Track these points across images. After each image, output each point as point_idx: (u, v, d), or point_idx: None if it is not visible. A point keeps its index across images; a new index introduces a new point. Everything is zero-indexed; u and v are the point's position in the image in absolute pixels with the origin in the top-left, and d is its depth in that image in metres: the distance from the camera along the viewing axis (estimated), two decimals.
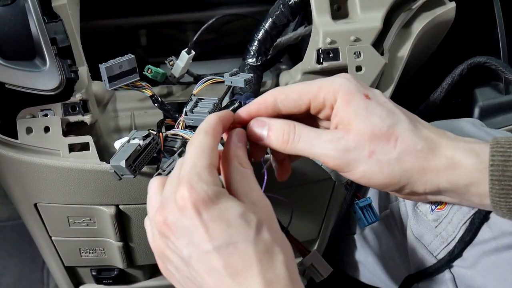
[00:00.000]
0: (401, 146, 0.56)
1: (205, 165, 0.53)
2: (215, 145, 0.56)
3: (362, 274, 1.10)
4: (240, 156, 0.57)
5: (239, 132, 0.60)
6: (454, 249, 0.72)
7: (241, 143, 0.59)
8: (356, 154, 0.56)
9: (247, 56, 0.88)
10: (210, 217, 0.51)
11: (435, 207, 0.73)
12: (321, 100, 0.59)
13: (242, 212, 0.51)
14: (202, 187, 0.52)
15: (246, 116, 0.62)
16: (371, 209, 0.73)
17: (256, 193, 0.55)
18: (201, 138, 0.56)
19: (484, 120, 1.01)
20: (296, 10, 0.86)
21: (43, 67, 0.74)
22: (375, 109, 0.57)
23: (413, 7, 0.86)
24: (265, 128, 0.60)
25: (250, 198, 0.54)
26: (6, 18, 0.73)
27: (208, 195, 0.51)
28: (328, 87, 0.58)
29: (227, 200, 0.52)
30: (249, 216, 0.51)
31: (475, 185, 0.56)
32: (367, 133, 0.56)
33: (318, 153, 0.58)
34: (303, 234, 1.00)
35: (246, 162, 0.57)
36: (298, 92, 0.60)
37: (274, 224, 0.54)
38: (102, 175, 0.77)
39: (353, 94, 0.57)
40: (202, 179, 0.52)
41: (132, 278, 1.04)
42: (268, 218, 0.54)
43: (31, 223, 0.91)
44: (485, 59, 0.86)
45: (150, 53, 1.09)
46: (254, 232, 0.51)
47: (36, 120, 0.76)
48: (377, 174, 0.56)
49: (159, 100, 0.82)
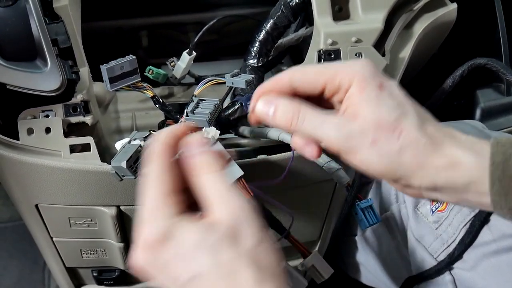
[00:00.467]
0: (404, 140, 0.56)
1: (157, 196, 0.53)
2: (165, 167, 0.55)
3: (363, 275, 1.10)
4: (197, 165, 0.55)
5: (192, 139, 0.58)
6: (454, 251, 0.72)
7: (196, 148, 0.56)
8: (359, 140, 0.56)
9: (248, 57, 0.88)
10: (169, 256, 0.50)
11: (435, 208, 0.73)
12: (336, 84, 0.58)
13: (198, 239, 0.50)
14: (154, 227, 0.51)
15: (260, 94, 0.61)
16: (372, 211, 0.72)
17: (217, 198, 0.53)
18: (149, 167, 0.55)
19: (485, 121, 1.01)
20: (297, 11, 0.86)
21: (44, 68, 0.74)
22: (385, 100, 0.57)
23: (415, 8, 0.86)
24: (272, 107, 0.59)
25: (211, 210, 0.52)
26: (7, 19, 0.73)
27: (161, 234, 0.51)
28: (345, 72, 0.58)
29: (182, 232, 0.51)
30: (206, 240, 0.50)
31: (474, 184, 0.55)
32: (373, 121, 0.56)
33: (320, 136, 0.57)
34: (304, 235, 1.00)
35: (203, 166, 0.55)
36: (314, 74, 0.59)
37: (242, 228, 0.51)
38: (103, 176, 0.77)
39: (367, 82, 0.57)
40: (154, 216, 0.52)
41: (133, 279, 1.04)
42: (233, 224, 0.51)
43: (32, 224, 0.91)
44: (486, 61, 0.87)
45: (151, 54, 1.09)
46: (213, 256, 0.49)
47: (37, 121, 0.76)
48: (375, 162, 0.56)
49: (160, 101, 0.82)
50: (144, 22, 1.07)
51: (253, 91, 0.85)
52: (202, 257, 0.49)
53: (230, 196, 0.53)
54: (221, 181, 0.54)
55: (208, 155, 0.56)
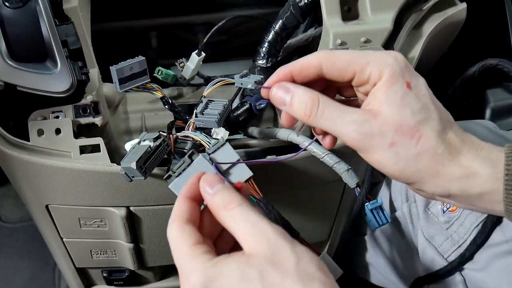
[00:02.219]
0: (422, 146, 0.55)
1: (184, 252, 0.54)
2: (183, 226, 0.56)
3: (372, 275, 1.10)
4: (217, 204, 0.56)
5: (202, 181, 0.58)
6: (465, 251, 0.71)
7: (212, 189, 0.57)
8: (377, 140, 0.55)
9: (257, 58, 0.88)
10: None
11: (446, 209, 0.73)
12: (366, 75, 0.58)
13: (241, 274, 0.50)
14: (194, 279, 0.52)
15: (287, 75, 0.60)
16: (382, 211, 0.72)
17: (250, 231, 0.53)
18: (169, 230, 0.56)
19: (495, 121, 1.01)
20: (306, 11, 0.86)
21: (54, 69, 0.74)
22: (410, 101, 0.56)
23: (424, 8, 0.85)
24: (289, 95, 0.59)
25: (247, 244, 0.53)
26: (17, 21, 0.74)
27: (204, 281, 0.51)
28: (377, 65, 0.57)
29: (223, 271, 0.51)
30: (249, 272, 0.50)
31: (488, 194, 0.55)
32: (394, 123, 0.55)
33: (339, 132, 0.57)
34: (314, 235, 1.00)
35: (226, 203, 0.55)
36: (346, 62, 0.59)
37: (281, 251, 0.52)
38: (113, 177, 0.77)
39: (396, 78, 0.56)
40: (189, 269, 0.52)
41: (143, 280, 1.04)
42: (272, 251, 0.51)
43: (42, 224, 0.91)
44: (497, 61, 0.86)
45: (161, 55, 1.10)
46: (260, 284, 0.49)
47: (47, 122, 0.77)
48: (391, 165, 0.56)
49: (169, 102, 0.82)
50: (153, 23, 1.07)
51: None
52: (251, 286, 0.49)
53: (258, 226, 0.53)
54: (245, 215, 0.54)
55: (226, 191, 0.56)
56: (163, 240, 0.90)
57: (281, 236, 0.52)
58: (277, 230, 0.52)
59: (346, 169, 0.70)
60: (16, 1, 0.73)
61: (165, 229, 0.81)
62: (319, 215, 0.97)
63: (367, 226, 1.06)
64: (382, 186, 1.01)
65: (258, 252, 0.51)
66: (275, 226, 0.53)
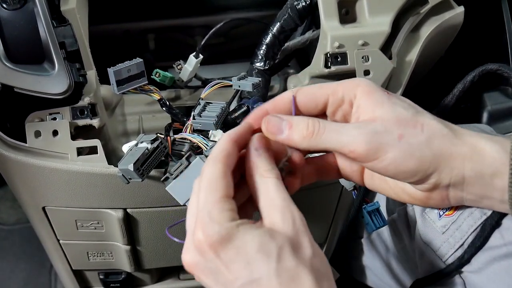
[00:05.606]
0: (428, 131, 0.56)
1: (216, 199, 0.52)
2: (226, 172, 0.54)
3: (368, 278, 1.10)
4: (259, 166, 0.55)
5: (255, 139, 0.57)
6: (464, 254, 0.71)
7: (260, 149, 0.56)
8: (385, 137, 0.55)
9: (255, 60, 0.88)
10: (229, 258, 0.50)
11: (443, 212, 0.73)
12: (340, 95, 0.58)
13: (260, 244, 0.50)
14: (214, 229, 0.51)
15: (263, 115, 0.59)
16: (379, 214, 0.72)
17: (279, 206, 0.53)
18: (210, 168, 0.54)
19: (492, 124, 1.01)
20: (304, 14, 0.86)
21: (52, 71, 0.74)
22: (397, 101, 0.57)
23: (422, 11, 0.86)
24: (283, 123, 0.58)
25: (272, 218, 0.52)
26: (15, 22, 0.74)
27: (222, 236, 0.50)
28: (347, 84, 0.58)
29: (244, 235, 0.51)
30: (269, 246, 0.50)
31: (499, 176, 0.55)
32: (392, 119, 0.55)
33: (346, 141, 0.56)
34: None
35: (267, 169, 0.54)
36: (317, 87, 0.59)
37: (302, 239, 0.52)
38: (110, 179, 0.77)
39: (374, 88, 0.57)
40: (213, 219, 0.51)
41: (140, 282, 1.04)
42: (294, 234, 0.51)
43: (39, 226, 0.91)
44: (497, 66, 0.86)
45: (158, 57, 1.09)
46: (275, 262, 0.49)
47: (44, 124, 0.77)
48: (408, 158, 0.56)
49: (167, 104, 0.82)
50: (151, 25, 1.07)
51: (259, 94, 0.85)
52: (264, 261, 0.49)
53: (291, 205, 0.53)
54: (282, 189, 0.54)
55: (270, 158, 0.56)
56: (160, 242, 0.90)
57: (305, 224, 0.52)
58: (302, 217, 0.53)
59: None
60: (14, 2, 0.73)
61: (162, 231, 0.81)
62: (316, 218, 0.97)
63: (364, 229, 1.06)
64: None
65: (282, 229, 0.51)
66: (301, 213, 0.53)
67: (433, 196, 0.60)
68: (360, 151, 0.56)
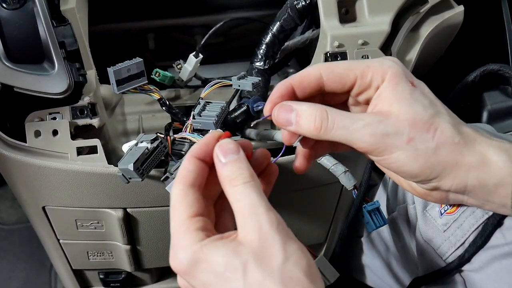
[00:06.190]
0: (440, 138, 0.55)
1: (180, 222, 0.52)
2: (186, 192, 0.53)
3: (368, 277, 1.10)
4: (225, 175, 0.54)
5: (217, 148, 0.55)
6: (465, 253, 0.71)
7: (225, 158, 0.54)
8: (394, 139, 0.55)
9: (255, 60, 0.88)
10: (203, 279, 0.50)
11: (444, 211, 0.73)
12: (367, 79, 0.57)
13: (226, 262, 0.49)
14: (182, 255, 0.51)
15: (286, 90, 0.58)
16: (379, 213, 0.72)
17: (246, 215, 0.51)
18: (173, 191, 0.54)
19: (492, 124, 1.01)
20: (304, 13, 0.86)
21: (52, 71, 0.74)
22: (419, 97, 0.56)
23: (421, 10, 0.86)
24: (293, 113, 0.57)
25: (242, 228, 0.51)
26: (15, 22, 0.74)
27: (190, 261, 0.50)
28: (377, 68, 0.57)
29: (208, 255, 0.50)
30: (234, 263, 0.49)
31: (503, 186, 0.55)
32: (408, 119, 0.55)
33: (354, 139, 0.56)
34: (311, 238, 1.00)
35: (233, 178, 0.53)
36: (345, 67, 0.58)
37: (270, 247, 0.50)
38: (110, 178, 0.77)
39: (400, 77, 0.56)
40: (180, 244, 0.52)
41: (140, 282, 1.04)
42: (261, 243, 0.50)
43: (39, 226, 0.91)
44: (499, 67, 0.86)
45: (158, 57, 1.10)
46: (242, 279, 0.48)
47: (44, 124, 0.77)
48: (411, 162, 0.56)
49: (167, 104, 0.82)
50: (151, 25, 1.07)
51: (259, 94, 0.85)
52: (232, 279, 0.49)
53: (255, 211, 0.51)
54: (246, 195, 0.52)
55: (236, 164, 0.54)
56: (160, 241, 0.90)
57: (275, 227, 0.50)
58: (273, 218, 0.51)
59: (343, 171, 0.70)
60: (14, 2, 0.73)
61: (162, 231, 0.81)
62: (316, 217, 0.97)
63: (363, 228, 1.06)
64: (379, 188, 1.01)
65: (247, 241, 0.50)
66: (272, 214, 0.51)
67: (433, 194, 0.60)
68: (366, 150, 0.57)
